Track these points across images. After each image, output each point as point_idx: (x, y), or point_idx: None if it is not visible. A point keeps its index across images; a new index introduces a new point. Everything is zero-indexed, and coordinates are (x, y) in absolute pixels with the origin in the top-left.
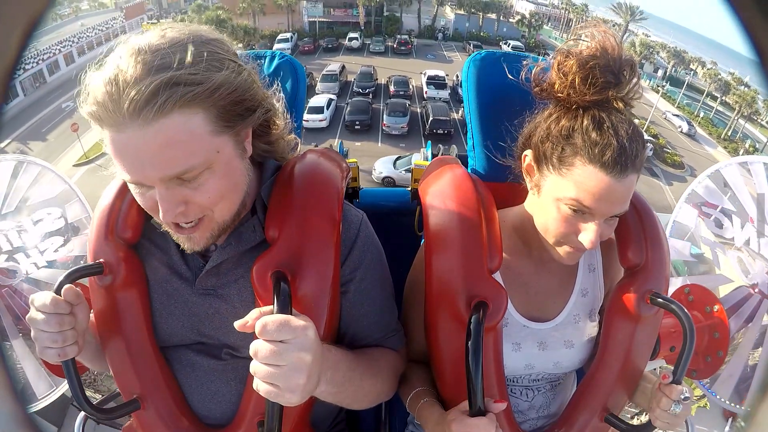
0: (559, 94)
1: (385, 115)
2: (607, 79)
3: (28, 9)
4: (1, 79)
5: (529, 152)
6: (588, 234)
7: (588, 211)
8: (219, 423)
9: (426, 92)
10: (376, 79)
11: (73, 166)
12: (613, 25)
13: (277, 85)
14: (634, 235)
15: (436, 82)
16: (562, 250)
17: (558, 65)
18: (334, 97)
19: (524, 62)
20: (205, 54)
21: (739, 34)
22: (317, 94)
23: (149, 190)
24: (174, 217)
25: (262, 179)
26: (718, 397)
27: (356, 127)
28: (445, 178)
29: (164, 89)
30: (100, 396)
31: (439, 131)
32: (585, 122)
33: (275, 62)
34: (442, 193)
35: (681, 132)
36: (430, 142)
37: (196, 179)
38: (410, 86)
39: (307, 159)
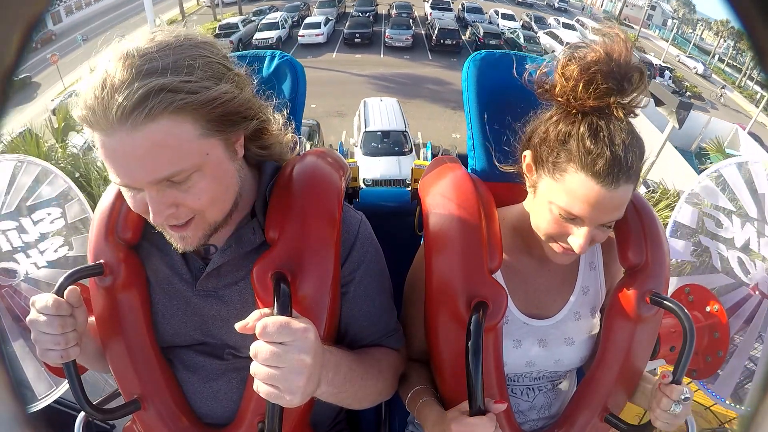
0: (560, 98)
1: (387, 29)
2: (609, 86)
3: (28, 9)
4: (1, 80)
5: (528, 153)
6: (577, 239)
7: (578, 219)
8: (220, 422)
9: (430, 14)
10: (377, 4)
11: (52, 100)
12: None
13: (275, 99)
14: (634, 235)
15: (440, 6)
16: (555, 247)
17: (561, 68)
18: (332, 18)
19: (527, 66)
20: (200, 61)
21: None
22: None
23: (139, 192)
24: (165, 219)
25: (261, 181)
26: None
27: (356, 40)
28: (445, 178)
29: (154, 95)
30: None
31: (447, 41)
32: (581, 129)
33: (275, 62)
34: (442, 193)
35: (696, 73)
36: (430, 142)
37: (186, 182)
38: (413, 11)
39: (306, 160)
